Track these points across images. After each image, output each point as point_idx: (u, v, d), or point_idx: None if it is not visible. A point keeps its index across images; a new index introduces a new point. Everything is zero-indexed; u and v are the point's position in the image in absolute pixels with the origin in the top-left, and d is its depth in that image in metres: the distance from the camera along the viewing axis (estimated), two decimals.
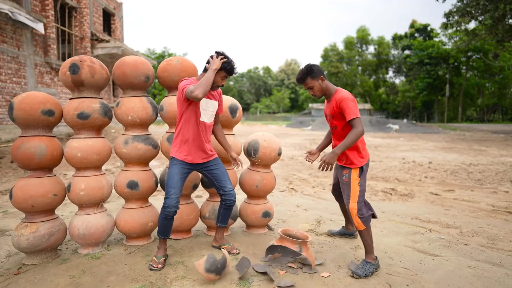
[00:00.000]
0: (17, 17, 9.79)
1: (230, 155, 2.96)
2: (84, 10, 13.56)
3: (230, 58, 2.63)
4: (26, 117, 2.64)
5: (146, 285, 2.32)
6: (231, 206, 2.88)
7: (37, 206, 2.66)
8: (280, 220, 3.87)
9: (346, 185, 2.67)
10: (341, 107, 2.62)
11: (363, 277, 2.46)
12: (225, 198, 2.84)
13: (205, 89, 2.43)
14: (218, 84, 2.67)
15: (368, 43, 48.86)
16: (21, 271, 2.57)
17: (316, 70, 2.68)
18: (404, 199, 5.07)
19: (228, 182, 2.84)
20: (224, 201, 2.85)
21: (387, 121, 31.71)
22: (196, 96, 2.40)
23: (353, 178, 2.65)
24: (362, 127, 2.57)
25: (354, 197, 2.63)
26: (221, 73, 2.62)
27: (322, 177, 6.92)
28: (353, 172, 2.67)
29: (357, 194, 2.63)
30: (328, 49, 49.44)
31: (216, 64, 2.54)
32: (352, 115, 2.56)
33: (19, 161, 2.66)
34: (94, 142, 2.83)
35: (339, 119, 2.70)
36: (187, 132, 2.66)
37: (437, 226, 3.76)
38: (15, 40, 10.51)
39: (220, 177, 2.81)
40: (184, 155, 2.68)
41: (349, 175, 2.67)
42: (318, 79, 2.68)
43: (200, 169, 2.81)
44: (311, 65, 2.71)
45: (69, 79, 2.75)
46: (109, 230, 2.93)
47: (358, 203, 2.62)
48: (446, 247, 3.11)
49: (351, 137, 2.55)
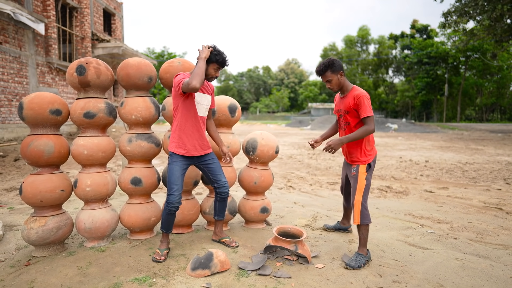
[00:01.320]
0: (18, 17, 9.91)
1: (222, 150, 3.06)
2: (85, 10, 13.68)
3: (219, 49, 2.74)
4: (35, 116, 2.78)
5: (150, 275, 2.46)
6: (225, 198, 3.03)
7: (46, 201, 2.80)
8: (278, 216, 4.01)
9: (354, 178, 2.84)
10: (357, 104, 2.75)
11: (355, 268, 2.60)
12: (220, 190, 2.98)
13: (200, 79, 2.51)
14: (211, 75, 2.79)
15: (368, 43, 48.98)
16: (31, 263, 2.70)
17: (337, 64, 2.82)
18: (398, 196, 5.21)
19: (222, 175, 2.97)
20: (219, 193, 3.00)
21: (386, 120, 31.86)
22: (194, 86, 2.48)
23: (360, 172, 2.82)
24: (374, 126, 2.74)
25: (360, 191, 2.79)
26: (213, 65, 2.75)
27: (319, 175, 7.06)
28: (361, 167, 2.83)
29: (363, 188, 2.79)
30: (328, 48, 49.61)
31: (204, 53, 2.65)
32: (367, 113, 2.72)
33: (28, 158, 2.80)
34: (99, 140, 2.96)
35: (354, 116, 2.83)
36: (185, 126, 2.77)
37: (429, 221, 3.90)
38: (17, 40, 10.63)
39: (216, 171, 2.95)
40: (183, 149, 2.80)
41: (357, 170, 2.83)
42: (338, 73, 2.82)
43: (197, 163, 2.94)
44: (333, 59, 2.85)
45: (76, 80, 2.88)
46: (114, 225, 3.07)
47: (363, 196, 2.78)
48: (436, 241, 3.25)
49: (361, 131, 2.72)
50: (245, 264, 2.63)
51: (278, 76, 73.36)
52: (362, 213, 2.75)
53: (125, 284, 2.33)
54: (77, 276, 2.46)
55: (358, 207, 2.76)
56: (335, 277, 2.47)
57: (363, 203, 2.77)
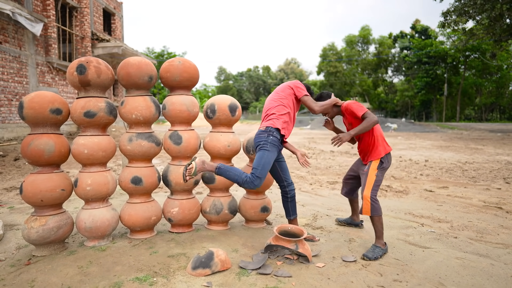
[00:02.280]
0: (17, 17, 9.90)
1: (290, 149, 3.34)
2: (84, 10, 13.67)
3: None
4: (35, 116, 2.77)
5: (151, 275, 2.46)
6: (294, 197, 3.21)
7: (46, 200, 2.80)
8: (278, 215, 4.01)
9: (365, 175, 2.98)
10: (350, 113, 3.07)
11: (372, 260, 2.71)
12: (289, 189, 3.16)
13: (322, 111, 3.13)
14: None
15: (369, 43, 48.95)
16: (31, 262, 2.70)
17: (325, 97, 3.24)
18: (398, 195, 5.21)
19: (290, 175, 3.23)
20: (289, 192, 3.17)
21: (385, 120, 31.88)
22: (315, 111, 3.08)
23: (371, 169, 2.95)
24: (374, 116, 2.95)
25: (369, 185, 2.89)
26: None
27: (319, 175, 7.06)
28: (373, 163, 2.97)
29: (372, 183, 2.90)
30: (327, 48, 49.60)
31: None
32: (360, 112, 2.97)
33: (29, 158, 2.80)
34: (100, 140, 2.96)
35: (357, 123, 3.08)
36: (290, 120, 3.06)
37: (429, 220, 3.91)
38: (17, 39, 10.62)
39: (286, 169, 3.20)
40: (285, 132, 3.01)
41: (369, 166, 2.98)
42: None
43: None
44: (320, 93, 3.29)
45: (76, 79, 2.88)
46: (114, 224, 3.07)
47: (372, 191, 2.88)
48: (436, 240, 3.25)
49: (364, 123, 2.91)
50: (246, 263, 2.63)
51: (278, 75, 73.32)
52: (372, 206, 2.85)
53: (126, 283, 2.33)
54: (77, 275, 2.46)
55: (367, 201, 2.87)
56: (336, 276, 2.47)
57: (372, 196, 2.86)
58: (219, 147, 3.32)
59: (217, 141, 3.33)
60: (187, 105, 3.20)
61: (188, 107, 3.21)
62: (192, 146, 3.25)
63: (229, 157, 3.41)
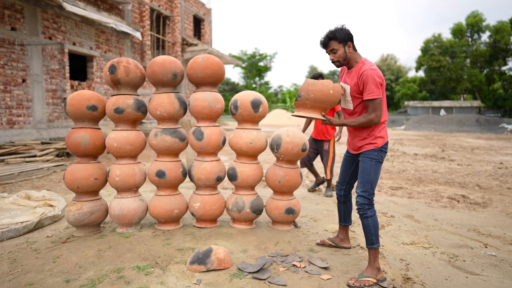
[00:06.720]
0: (120, 28, 11.42)
1: None
2: (176, 18, 15.00)
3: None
4: (74, 112, 3.12)
5: (151, 265, 2.54)
6: (357, 209, 2.55)
7: (82, 187, 3.13)
8: (312, 219, 3.75)
9: (326, 152, 3.40)
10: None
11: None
12: (355, 197, 2.58)
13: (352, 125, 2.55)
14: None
15: (481, 30, 42.43)
16: (68, 241, 3.05)
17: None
18: (472, 207, 4.37)
19: (361, 185, 2.51)
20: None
21: (500, 120, 27.20)
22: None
23: (331, 146, 3.34)
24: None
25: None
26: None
27: (385, 179, 6.38)
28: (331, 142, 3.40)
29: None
30: (431, 40, 44.62)
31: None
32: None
33: (69, 149, 3.17)
34: (128, 134, 3.18)
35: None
36: None
37: (497, 241, 3.17)
38: (118, 48, 12.22)
39: (359, 175, 2.58)
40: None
41: (329, 145, 3.31)
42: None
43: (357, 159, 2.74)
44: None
45: (109, 78, 3.15)
46: (141, 214, 3.27)
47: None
48: (493, 266, 2.62)
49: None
50: (245, 265, 2.52)
51: None
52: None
53: (126, 270, 2.46)
54: (93, 257, 2.69)
55: None
56: None
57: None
58: (241, 144, 3.26)
59: (240, 137, 3.27)
60: (209, 101, 3.22)
61: (210, 103, 3.22)
62: (214, 142, 3.25)
63: (252, 155, 3.32)
